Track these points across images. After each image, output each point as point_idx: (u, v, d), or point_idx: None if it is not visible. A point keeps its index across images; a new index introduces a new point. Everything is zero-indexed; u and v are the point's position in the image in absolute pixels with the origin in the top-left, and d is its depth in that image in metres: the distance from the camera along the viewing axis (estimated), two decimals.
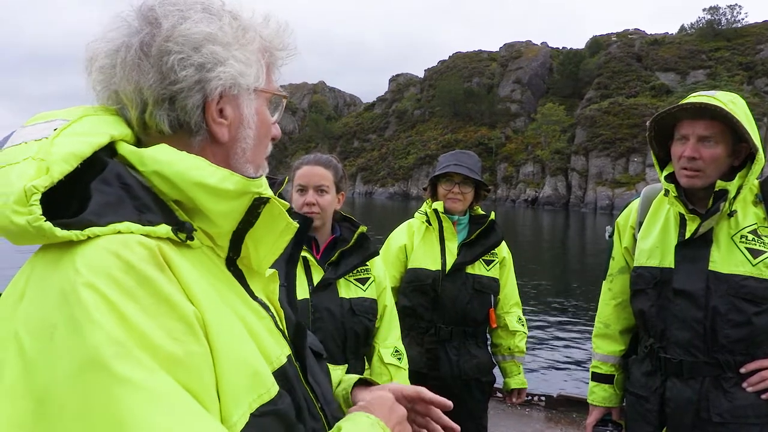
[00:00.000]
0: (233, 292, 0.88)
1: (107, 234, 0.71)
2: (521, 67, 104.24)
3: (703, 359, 2.02)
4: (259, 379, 0.80)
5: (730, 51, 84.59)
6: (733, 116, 1.91)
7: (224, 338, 0.77)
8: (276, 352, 0.89)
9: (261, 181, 0.87)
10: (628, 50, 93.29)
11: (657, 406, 2.13)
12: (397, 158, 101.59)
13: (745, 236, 2.01)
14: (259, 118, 0.93)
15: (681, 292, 2.06)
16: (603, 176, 70.00)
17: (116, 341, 0.64)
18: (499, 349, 3.08)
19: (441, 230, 2.96)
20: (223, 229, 0.86)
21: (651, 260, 2.16)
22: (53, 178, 0.72)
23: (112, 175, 0.77)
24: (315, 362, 1.07)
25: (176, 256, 0.77)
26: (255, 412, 0.78)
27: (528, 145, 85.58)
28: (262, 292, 0.97)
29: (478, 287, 2.90)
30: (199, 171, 0.81)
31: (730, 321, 1.97)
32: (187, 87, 0.84)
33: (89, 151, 0.77)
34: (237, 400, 0.76)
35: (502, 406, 4.93)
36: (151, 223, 0.76)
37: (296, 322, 1.01)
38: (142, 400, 0.63)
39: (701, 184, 2.02)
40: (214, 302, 0.79)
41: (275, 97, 0.97)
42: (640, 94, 79.15)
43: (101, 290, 0.67)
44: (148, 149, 0.82)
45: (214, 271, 0.86)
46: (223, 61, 0.85)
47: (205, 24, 0.85)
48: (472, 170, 2.93)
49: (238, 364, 0.77)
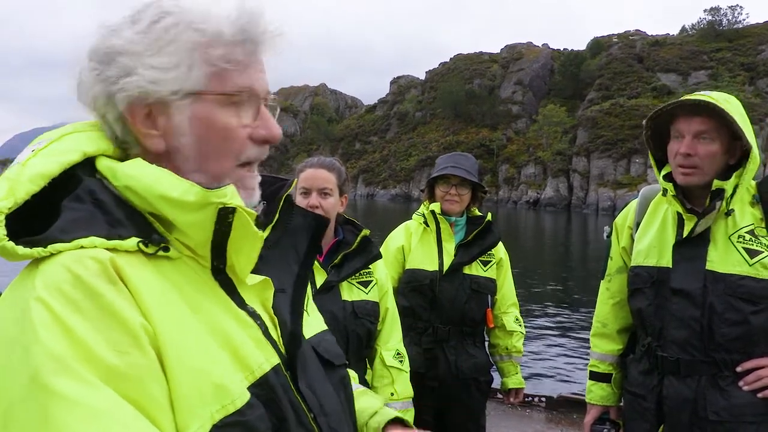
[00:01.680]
0: (214, 301, 0.87)
1: (70, 249, 0.73)
2: (522, 69, 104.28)
3: (699, 358, 2.03)
4: (222, 390, 0.78)
5: (731, 52, 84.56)
6: (727, 113, 1.93)
7: (180, 349, 0.76)
8: (258, 360, 0.86)
9: (225, 190, 0.83)
10: (629, 51, 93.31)
11: (654, 405, 2.14)
12: (399, 160, 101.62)
13: (742, 236, 2.02)
14: (201, 123, 0.86)
15: (678, 291, 2.07)
16: (605, 177, 69.95)
17: (56, 357, 0.65)
18: (496, 349, 3.09)
19: (438, 231, 2.97)
20: (196, 239, 0.85)
21: (648, 259, 2.17)
22: (17, 198, 0.74)
23: (84, 191, 0.79)
24: (319, 371, 1.02)
25: (135, 269, 0.77)
26: (218, 423, 0.76)
27: (529, 147, 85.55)
28: (257, 300, 0.95)
29: (475, 287, 2.92)
30: (162, 184, 0.81)
31: (726, 320, 1.98)
32: (103, 102, 0.84)
33: (57, 169, 0.79)
34: (194, 411, 0.75)
35: (503, 407, 4.94)
36: (120, 237, 0.77)
37: (291, 330, 0.97)
38: (78, 416, 0.63)
39: (698, 182, 2.03)
40: (176, 314, 0.79)
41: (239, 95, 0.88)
42: (641, 95, 79.11)
43: (49, 304, 0.68)
44: (123, 163, 0.83)
45: (195, 281, 0.85)
46: (131, 71, 0.82)
47: (117, 35, 0.83)
48: (469, 172, 2.94)
49: (195, 375, 0.76)
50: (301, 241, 1.07)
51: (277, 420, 0.84)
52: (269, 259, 1.01)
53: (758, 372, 1.98)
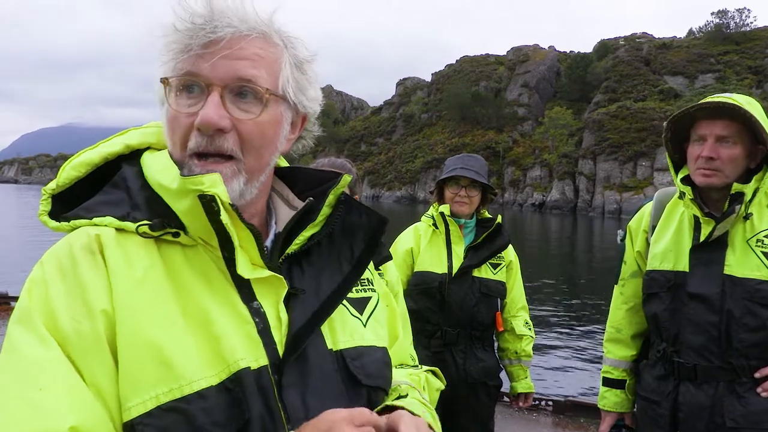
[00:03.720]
0: (213, 291, 0.87)
1: (87, 225, 0.86)
2: (529, 71, 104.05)
3: (717, 364, 2.00)
4: (172, 372, 0.79)
5: (739, 55, 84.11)
6: (752, 116, 1.90)
7: (139, 327, 0.79)
8: (237, 356, 0.84)
9: (202, 178, 0.83)
10: (636, 54, 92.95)
11: (669, 411, 2.11)
12: (404, 162, 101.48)
13: (761, 240, 1.99)
14: (165, 111, 0.91)
15: (695, 295, 2.04)
16: (611, 180, 69.64)
17: (24, 308, 0.79)
18: (505, 353, 3.07)
19: (448, 233, 2.95)
20: (191, 226, 0.87)
21: (665, 264, 2.14)
22: (59, 182, 0.91)
23: (119, 178, 0.91)
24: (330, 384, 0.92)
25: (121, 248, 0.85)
26: (162, 405, 0.77)
27: (535, 149, 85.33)
28: (272, 297, 0.91)
29: (484, 291, 2.90)
30: (159, 173, 0.89)
31: (745, 325, 1.96)
32: None
33: (99, 159, 0.93)
34: (138, 387, 0.77)
35: (510, 410, 4.92)
36: (135, 220, 0.86)
37: (296, 335, 0.90)
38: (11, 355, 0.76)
39: (718, 183, 2.00)
40: (151, 292, 0.83)
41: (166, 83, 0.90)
42: (648, 98, 78.79)
43: (44, 266, 0.83)
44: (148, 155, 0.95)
45: (202, 269, 0.88)
46: None
47: None
48: (478, 174, 2.92)
49: (145, 352, 0.79)
50: (359, 241, 1.03)
51: (240, 420, 0.81)
52: (316, 256, 0.99)
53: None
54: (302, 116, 0.99)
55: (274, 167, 1.00)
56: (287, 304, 0.92)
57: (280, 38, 0.93)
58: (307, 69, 0.97)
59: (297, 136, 1.01)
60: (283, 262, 0.96)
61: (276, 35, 0.92)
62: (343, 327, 0.98)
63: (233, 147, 0.88)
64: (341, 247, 1.02)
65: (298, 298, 0.93)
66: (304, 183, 1.06)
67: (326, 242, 1.01)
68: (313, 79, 0.98)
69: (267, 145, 0.92)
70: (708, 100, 2.01)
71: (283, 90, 0.92)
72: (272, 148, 0.94)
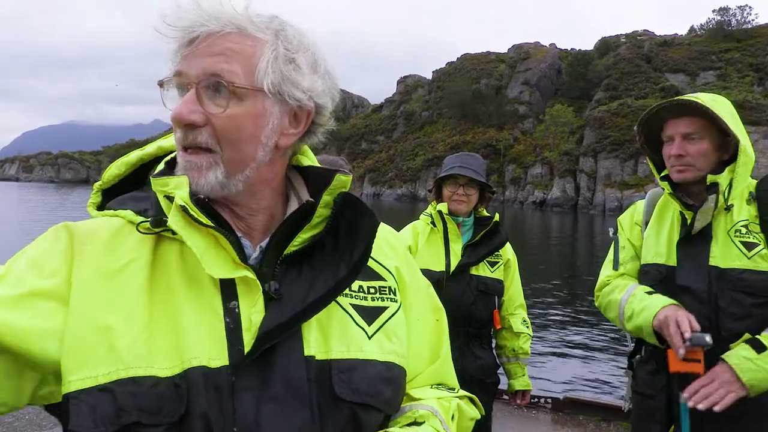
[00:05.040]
0: (193, 289, 0.89)
1: (112, 216, 0.96)
2: (530, 69, 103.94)
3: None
4: (114, 355, 0.82)
5: (740, 52, 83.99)
6: (711, 111, 1.99)
7: (92, 309, 0.84)
8: (192, 354, 0.84)
9: (167, 179, 0.90)
10: (637, 51, 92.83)
11: (664, 405, 2.14)
12: (405, 160, 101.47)
13: (738, 230, 2.07)
14: None
15: (684, 288, 2.09)
16: (612, 178, 69.62)
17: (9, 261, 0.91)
18: (503, 351, 3.08)
19: (446, 232, 2.96)
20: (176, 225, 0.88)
21: (657, 258, 2.21)
22: (104, 178, 1.00)
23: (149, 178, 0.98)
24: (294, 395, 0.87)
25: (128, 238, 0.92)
26: (100, 385, 0.81)
27: (536, 147, 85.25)
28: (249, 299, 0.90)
29: (482, 288, 2.91)
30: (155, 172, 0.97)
31: (732, 314, 2.00)
32: None
33: (136, 160, 1.01)
34: (81, 364, 0.81)
35: (508, 408, 4.93)
36: (146, 215, 0.93)
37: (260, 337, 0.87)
38: None
39: (692, 177, 2.10)
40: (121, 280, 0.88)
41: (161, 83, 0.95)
42: (649, 96, 78.59)
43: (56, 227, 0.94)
44: None
45: (194, 266, 0.90)
46: None
47: None
48: (476, 172, 2.93)
49: (94, 333, 0.83)
50: (360, 243, 0.98)
51: (174, 415, 0.82)
52: (317, 258, 0.97)
53: (703, 391, 1.92)
54: (306, 111, 0.96)
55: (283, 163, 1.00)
56: (267, 307, 0.90)
57: (266, 31, 0.92)
58: (301, 60, 0.93)
59: (302, 131, 0.97)
60: (281, 263, 0.94)
61: (257, 28, 0.91)
62: (342, 336, 0.94)
63: (208, 140, 0.90)
64: (344, 251, 0.97)
65: (278, 301, 0.90)
66: (316, 182, 1.02)
67: (330, 244, 0.98)
68: (307, 71, 0.93)
69: (246, 138, 0.91)
70: (669, 100, 2.13)
71: (261, 83, 0.90)
72: (254, 142, 0.92)
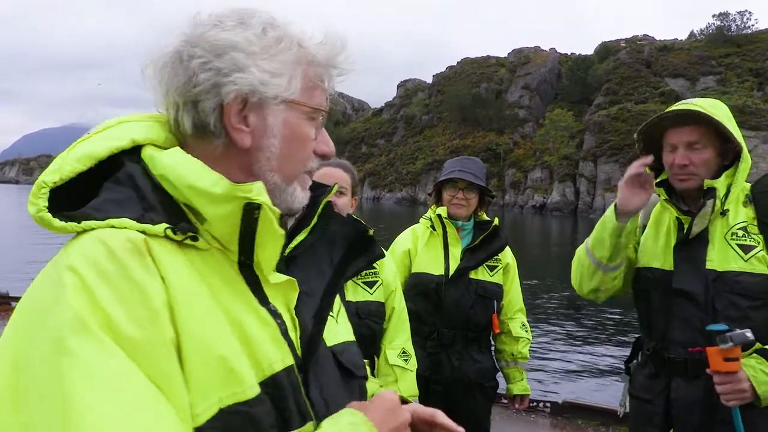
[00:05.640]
0: (237, 295, 0.88)
1: (102, 227, 0.78)
2: (530, 73, 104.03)
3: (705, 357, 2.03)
4: (234, 376, 0.81)
5: (740, 57, 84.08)
6: (715, 119, 1.99)
7: (199, 333, 0.79)
8: (271, 359, 0.87)
9: (251, 186, 0.86)
10: (637, 56, 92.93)
11: (662, 409, 2.14)
12: (405, 163, 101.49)
13: (735, 233, 2.08)
14: (289, 129, 0.93)
15: (681, 292, 2.10)
16: (612, 182, 69.51)
17: (78, 318, 0.69)
18: (502, 355, 3.09)
19: (445, 235, 2.97)
20: (222, 231, 0.88)
21: (654, 262, 2.21)
22: (62, 175, 0.81)
23: (124, 175, 0.84)
24: (335, 380, 1.01)
25: (165, 253, 0.81)
26: (225, 408, 0.79)
27: (536, 151, 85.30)
28: (281, 299, 0.96)
29: (481, 292, 2.92)
30: (194, 175, 0.85)
31: (728, 317, 2.00)
32: (204, 90, 0.87)
33: (105, 153, 0.85)
34: (205, 392, 0.78)
35: (507, 412, 4.93)
36: (151, 221, 0.81)
37: (310, 334, 0.97)
38: (89, 375, 0.66)
39: (696, 185, 2.10)
40: (200, 300, 0.82)
41: (319, 112, 0.96)
42: (649, 101, 78.67)
43: (80, 272, 0.73)
44: (162, 152, 0.88)
45: (221, 273, 0.88)
46: (243, 68, 0.87)
47: (232, 32, 0.88)
48: (476, 176, 2.94)
49: (209, 358, 0.79)
50: (338, 248, 1.09)
51: (282, 421, 0.85)
52: (303, 261, 1.04)
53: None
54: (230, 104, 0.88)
55: None
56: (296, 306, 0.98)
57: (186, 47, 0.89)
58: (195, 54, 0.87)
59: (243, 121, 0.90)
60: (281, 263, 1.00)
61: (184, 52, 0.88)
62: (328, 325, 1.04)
63: None
64: (322, 255, 1.07)
65: (300, 300, 0.98)
66: None
67: (309, 250, 1.06)
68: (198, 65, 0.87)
69: None
70: (671, 109, 2.10)
71: None
72: None
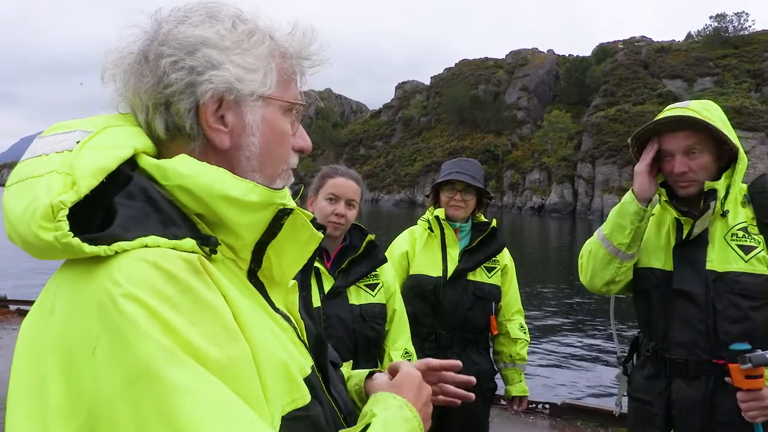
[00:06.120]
0: (258, 303, 0.88)
1: (135, 248, 0.71)
2: (528, 75, 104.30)
3: (706, 358, 2.04)
4: (294, 383, 0.81)
5: (737, 58, 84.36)
6: (710, 123, 1.99)
7: (262, 344, 0.78)
8: (301, 363, 0.88)
9: (285, 192, 0.86)
10: (634, 57, 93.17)
11: (662, 410, 2.14)
12: (403, 165, 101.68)
13: (735, 234, 2.08)
14: (268, 126, 0.89)
15: (681, 292, 2.10)
16: (610, 183, 69.74)
17: (166, 349, 0.65)
18: (500, 357, 3.08)
19: (443, 237, 2.97)
20: (246, 240, 0.85)
21: (654, 262, 2.21)
22: (80, 193, 0.71)
23: (137, 188, 0.77)
24: (335, 373, 1.06)
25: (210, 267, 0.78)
26: (286, 415, 0.78)
27: (534, 153, 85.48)
28: (283, 304, 0.96)
29: (479, 294, 2.91)
30: (223, 184, 0.81)
31: (728, 318, 2.01)
32: (178, 90, 0.82)
33: (114, 164, 0.76)
34: (275, 403, 0.77)
35: (506, 413, 4.93)
36: (176, 237, 0.75)
37: (317, 333, 0.99)
38: (198, 404, 0.63)
39: (697, 190, 2.09)
40: (251, 310, 0.81)
41: (295, 106, 0.93)
42: (647, 102, 78.91)
43: (143, 300, 0.66)
44: (170, 161, 0.81)
45: (236, 283, 0.85)
46: (218, 65, 0.83)
47: (202, 28, 0.83)
48: (474, 178, 2.94)
49: (275, 368, 0.79)
50: None
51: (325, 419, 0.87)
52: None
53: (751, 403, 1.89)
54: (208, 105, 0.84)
55: None
56: None
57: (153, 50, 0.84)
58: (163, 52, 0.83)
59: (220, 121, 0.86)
60: None
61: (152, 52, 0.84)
62: None
63: None
64: None
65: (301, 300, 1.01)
66: None
67: None
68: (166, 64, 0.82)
69: None
70: (666, 115, 2.08)
71: None
72: None
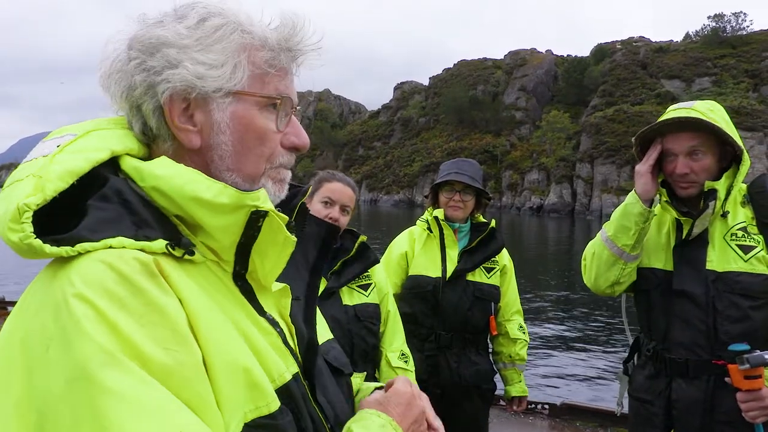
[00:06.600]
0: (237, 307, 0.85)
1: (99, 249, 0.71)
2: (526, 75, 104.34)
3: (706, 358, 2.05)
4: (258, 390, 0.78)
5: (735, 58, 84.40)
6: (714, 125, 1.99)
7: (219, 349, 0.76)
8: (280, 369, 0.85)
9: (258, 193, 0.83)
10: (633, 58, 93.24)
11: (663, 410, 2.15)
12: (402, 166, 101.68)
13: (735, 234, 2.08)
14: (241, 123, 0.86)
15: (681, 292, 2.11)
16: (608, 183, 69.75)
17: (105, 351, 0.64)
18: (500, 357, 3.08)
19: (442, 238, 2.97)
20: (223, 243, 0.84)
21: (654, 262, 2.22)
22: (46, 195, 0.72)
23: (111, 191, 0.77)
24: (331, 380, 1.01)
25: (173, 270, 0.76)
26: (249, 422, 0.76)
27: (533, 153, 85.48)
28: (274, 308, 0.93)
29: (478, 294, 2.91)
30: (195, 185, 0.80)
31: (728, 317, 2.02)
32: (142, 92, 0.83)
33: (87, 167, 0.77)
34: (232, 409, 0.75)
35: (505, 414, 4.92)
36: (147, 238, 0.75)
37: (308, 339, 0.96)
38: (129, 410, 0.62)
39: (697, 192, 2.10)
40: (212, 314, 0.78)
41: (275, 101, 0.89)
42: (645, 102, 78.96)
43: (91, 300, 0.67)
44: (148, 163, 0.82)
45: (218, 285, 0.84)
46: (176, 63, 0.82)
47: (163, 27, 0.83)
48: (473, 178, 2.94)
49: (233, 374, 0.76)
50: (311, 249, 1.06)
51: (300, 430, 0.84)
52: None
53: None
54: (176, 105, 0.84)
55: None
56: None
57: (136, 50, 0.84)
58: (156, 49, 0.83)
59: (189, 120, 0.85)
60: None
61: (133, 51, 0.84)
62: None
63: None
64: (298, 257, 1.01)
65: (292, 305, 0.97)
66: None
67: None
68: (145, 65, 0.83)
69: None
70: (671, 116, 2.08)
71: None
72: None
